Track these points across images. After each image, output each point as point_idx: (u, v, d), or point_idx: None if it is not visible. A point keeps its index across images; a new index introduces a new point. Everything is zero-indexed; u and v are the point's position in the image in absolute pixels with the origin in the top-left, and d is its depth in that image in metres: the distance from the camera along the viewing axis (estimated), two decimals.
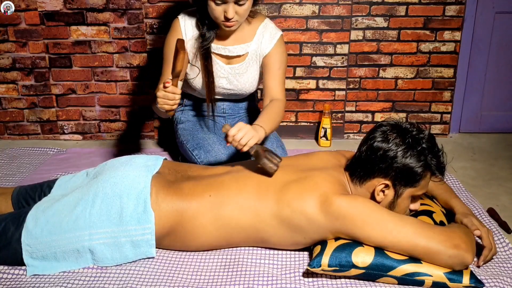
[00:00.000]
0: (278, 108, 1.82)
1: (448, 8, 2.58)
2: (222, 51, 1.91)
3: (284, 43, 1.95)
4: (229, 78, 1.97)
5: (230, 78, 1.97)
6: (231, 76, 1.96)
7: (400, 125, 1.44)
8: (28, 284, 1.39)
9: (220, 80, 1.97)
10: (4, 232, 1.43)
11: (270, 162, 1.49)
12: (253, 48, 1.93)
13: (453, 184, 2.08)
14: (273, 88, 1.89)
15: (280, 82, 1.91)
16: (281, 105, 1.85)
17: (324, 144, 2.69)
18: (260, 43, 1.92)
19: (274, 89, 1.89)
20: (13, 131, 2.75)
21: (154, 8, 2.54)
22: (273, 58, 1.91)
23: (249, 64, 1.96)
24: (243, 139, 1.51)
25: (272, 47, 1.90)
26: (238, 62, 1.96)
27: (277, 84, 1.89)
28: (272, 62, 1.90)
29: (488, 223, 1.72)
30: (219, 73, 1.96)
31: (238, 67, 1.95)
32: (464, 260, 1.31)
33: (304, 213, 1.40)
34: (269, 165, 1.49)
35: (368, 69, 2.68)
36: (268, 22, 1.95)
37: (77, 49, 2.60)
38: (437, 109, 2.77)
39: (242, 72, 1.96)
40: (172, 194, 1.47)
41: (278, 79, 1.90)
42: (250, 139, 1.52)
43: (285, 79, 1.97)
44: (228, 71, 1.95)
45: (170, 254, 1.53)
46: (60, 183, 1.62)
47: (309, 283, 1.40)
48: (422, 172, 1.39)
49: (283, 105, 1.87)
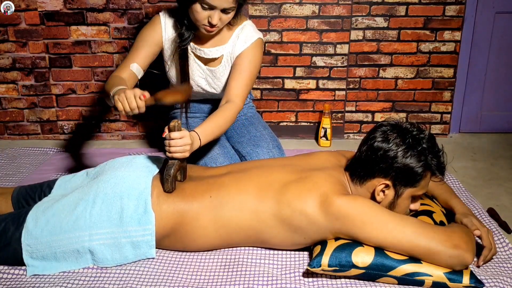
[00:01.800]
0: (229, 116, 1.73)
1: (448, 8, 2.58)
2: (199, 53, 1.89)
3: (260, 48, 1.86)
4: (207, 80, 1.95)
5: (209, 79, 1.94)
6: (209, 78, 1.94)
7: (400, 125, 1.43)
8: (28, 284, 1.39)
9: (199, 80, 1.94)
10: (4, 232, 1.43)
11: (172, 183, 1.46)
12: (227, 50, 1.89)
13: (453, 184, 2.08)
14: (232, 89, 1.79)
15: (242, 85, 1.79)
16: (235, 112, 1.75)
17: (324, 144, 2.69)
18: (234, 45, 1.87)
19: (233, 91, 1.78)
20: (13, 131, 2.75)
21: (154, 8, 2.54)
22: (241, 59, 1.83)
23: (225, 67, 1.92)
24: (174, 148, 1.45)
25: (244, 48, 1.84)
26: (215, 65, 1.92)
27: (237, 86, 1.79)
28: (239, 63, 1.82)
29: (488, 223, 1.72)
30: (198, 72, 1.93)
31: (216, 70, 1.92)
32: (464, 260, 1.31)
33: (304, 213, 1.40)
34: (169, 185, 1.46)
35: (368, 69, 2.68)
36: (247, 24, 1.89)
37: (77, 49, 2.60)
38: (437, 109, 2.77)
39: (219, 76, 1.93)
40: (174, 195, 1.47)
41: (240, 81, 1.79)
42: (179, 154, 1.46)
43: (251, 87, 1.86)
44: (207, 72, 1.92)
45: (170, 255, 1.53)
46: (60, 183, 1.62)
47: (309, 283, 1.40)
48: (422, 172, 1.39)
49: (237, 111, 1.76)
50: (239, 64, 1.83)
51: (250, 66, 1.83)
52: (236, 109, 1.76)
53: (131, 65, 1.79)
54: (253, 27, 1.90)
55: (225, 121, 1.71)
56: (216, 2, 1.66)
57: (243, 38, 1.85)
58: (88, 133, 2.76)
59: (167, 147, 1.46)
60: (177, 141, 1.45)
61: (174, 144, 1.45)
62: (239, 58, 1.85)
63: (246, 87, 1.82)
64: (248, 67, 1.82)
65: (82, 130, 2.76)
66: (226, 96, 1.80)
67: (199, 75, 1.93)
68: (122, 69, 1.80)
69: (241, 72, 1.81)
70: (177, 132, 1.45)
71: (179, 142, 1.45)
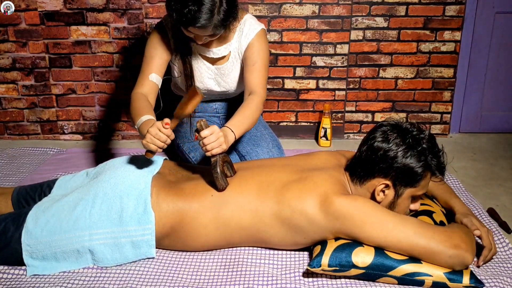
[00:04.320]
0: (254, 106, 1.76)
1: (448, 8, 2.58)
2: (208, 54, 1.89)
3: (265, 37, 1.90)
4: (216, 79, 1.95)
5: (218, 79, 1.95)
6: (218, 77, 1.94)
7: (400, 125, 1.43)
8: (28, 284, 1.39)
9: (208, 81, 1.95)
10: (4, 232, 1.43)
11: (223, 179, 1.47)
12: (234, 46, 1.90)
13: (453, 184, 2.08)
14: (251, 81, 1.83)
15: (259, 74, 1.83)
16: (258, 101, 1.78)
17: (324, 144, 2.69)
18: (240, 40, 1.88)
19: (252, 82, 1.82)
20: (13, 131, 2.75)
21: (154, 8, 2.54)
22: (250, 52, 1.85)
23: (233, 63, 1.93)
24: (210, 145, 1.46)
25: (249, 41, 1.86)
26: (223, 63, 1.93)
27: (254, 77, 1.83)
28: (249, 56, 1.85)
29: (488, 223, 1.72)
30: (207, 74, 1.93)
31: (223, 68, 1.93)
32: (464, 260, 1.31)
33: (304, 213, 1.40)
34: (220, 182, 1.47)
35: (368, 69, 2.68)
36: (248, 18, 1.90)
37: (77, 49, 2.60)
38: (437, 109, 2.77)
39: (227, 73, 1.94)
40: (173, 195, 1.47)
41: (256, 71, 1.83)
42: (217, 148, 1.47)
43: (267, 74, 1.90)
44: (215, 71, 1.93)
45: (170, 254, 1.53)
46: (60, 183, 1.62)
47: (309, 283, 1.40)
48: (423, 172, 1.39)
49: (261, 100, 1.80)
50: (249, 57, 1.85)
51: (260, 56, 1.86)
52: (259, 98, 1.80)
53: (150, 76, 1.78)
54: (254, 20, 1.91)
55: (252, 111, 1.74)
56: (195, 32, 1.66)
57: (247, 31, 1.87)
58: (88, 133, 2.76)
59: (203, 147, 1.47)
60: (209, 137, 1.46)
61: (208, 142, 1.46)
62: (247, 51, 1.87)
63: (263, 76, 1.86)
64: (258, 57, 1.85)
65: (82, 130, 2.76)
66: (247, 90, 1.83)
67: (208, 76, 1.93)
68: (141, 83, 1.80)
69: (254, 64, 1.84)
70: (206, 130, 1.47)
71: (212, 138, 1.46)
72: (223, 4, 1.62)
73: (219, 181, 1.47)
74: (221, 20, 1.63)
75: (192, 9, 1.57)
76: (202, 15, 1.58)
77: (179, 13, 1.59)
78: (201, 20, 1.59)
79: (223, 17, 1.63)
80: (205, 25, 1.61)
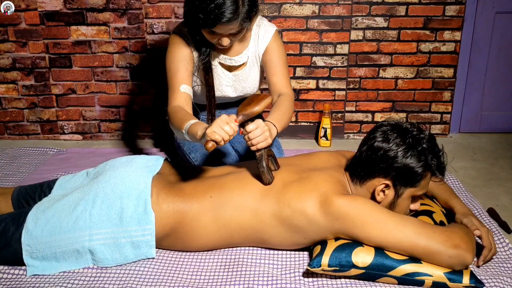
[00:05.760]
0: (288, 103, 1.78)
1: (448, 8, 2.58)
2: (228, 62, 1.87)
3: (280, 38, 1.92)
4: (234, 86, 1.93)
5: (235, 85, 1.93)
6: (236, 83, 1.92)
7: (400, 125, 1.43)
8: (28, 284, 1.39)
9: (225, 88, 1.93)
10: (4, 232, 1.43)
11: (269, 173, 1.48)
12: (251, 50, 1.90)
13: (453, 184, 2.08)
14: (277, 83, 1.85)
15: (283, 76, 1.86)
16: (290, 100, 1.81)
17: (324, 144, 2.69)
18: (257, 44, 1.88)
19: (279, 84, 1.85)
20: (13, 131, 2.75)
21: (154, 8, 2.54)
22: (270, 54, 1.86)
23: (250, 67, 1.92)
24: (255, 140, 1.47)
25: (267, 43, 1.86)
26: (240, 69, 1.92)
27: (281, 79, 1.85)
28: (271, 59, 1.86)
29: (488, 223, 1.72)
30: (224, 81, 1.91)
31: (241, 74, 1.91)
32: (464, 260, 1.31)
33: (304, 213, 1.40)
34: (267, 176, 1.47)
35: (368, 69, 2.68)
36: (261, 20, 1.90)
37: (77, 49, 2.60)
38: (437, 109, 2.77)
39: (245, 78, 1.93)
40: (173, 195, 1.47)
41: (280, 73, 1.86)
42: (262, 142, 1.48)
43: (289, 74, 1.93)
44: (233, 78, 1.91)
45: (170, 255, 1.53)
46: (60, 183, 1.62)
47: (309, 283, 1.40)
48: (423, 172, 1.39)
49: (292, 99, 1.83)
50: (270, 60, 1.86)
51: (280, 57, 1.87)
52: (290, 97, 1.82)
53: (181, 87, 1.74)
54: (266, 21, 1.91)
55: (287, 109, 1.75)
56: (222, 30, 1.63)
57: (263, 34, 1.87)
58: (88, 133, 2.76)
59: (249, 142, 1.47)
60: (254, 132, 1.46)
61: (253, 136, 1.46)
62: (266, 54, 1.87)
63: (287, 76, 1.88)
64: (279, 59, 1.86)
65: (82, 130, 2.76)
66: (275, 92, 1.85)
67: (226, 83, 1.91)
68: (174, 96, 1.74)
69: (276, 66, 1.86)
70: (251, 124, 1.47)
71: (257, 132, 1.46)
72: None
73: (265, 175, 1.47)
74: (247, 11, 1.61)
75: (219, 3, 1.54)
76: (229, 8, 1.55)
77: (204, 11, 1.56)
78: (227, 14, 1.56)
79: (248, 8, 1.61)
80: (232, 19, 1.58)
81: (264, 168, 1.47)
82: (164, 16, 2.55)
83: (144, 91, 2.68)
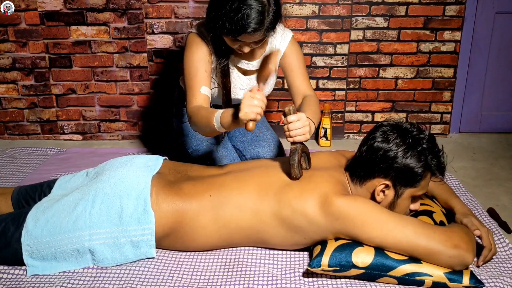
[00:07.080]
0: (315, 103, 1.79)
1: (448, 8, 2.58)
2: (246, 66, 1.86)
3: (296, 42, 1.92)
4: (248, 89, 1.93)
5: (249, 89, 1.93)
6: (250, 87, 1.92)
7: (400, 125, 1.43)
8: (28, 284, 1.39)
9: (239, 92, 1.92)
10: (4, 232, 1.43)
11: (299, 168, 1.47)
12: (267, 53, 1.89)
13: (453, 184, 2.08)
14: (300, 86, 1.86)
15: (305, 78, 1.87)
16: (316, 100, 1.82)
17: (324, 144, 2.69)
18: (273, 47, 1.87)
19: (302, 87, 1.85)
20: (13, 131, 2.75)
21: (154, 8, 2.54)
22: (290, 58, 1.87)
23: None
24: (294, 132, 1.46)
25: (285, 49, 1.87)
26: (255, 73, 1.91)
27: (303, 81, 1.86)
28: (290, 62, 1.87)
29: (488, 223, 1.72)
30: (238, 85, 1.90)
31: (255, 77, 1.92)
32: (465, 260, 1.31)
33: (304, 213, 1.40)
34: (296, 170, 1.46)
35: (368, 69, 2.68)
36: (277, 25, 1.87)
37: (77, 49, 2.60)
38: (437, 109, 2.77)
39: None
40: (173, 195, 1.47)
41: (301, 76, 1.87)
42: (300, 136, 1.46)
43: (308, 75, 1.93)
44: (247, 82, 1.91)
45: (170, 254, 1.53)
46: (60, 183, 1.62)
47: (309, 283, 1.40)
48: (423, 173, 1.39)
49: (317, 99, 1.84)
50: (290, 64, 1.87)
51: (299, 60, 1.88)
52: (316, 98, 1.83)
53: (201, 89, 1.72)
54: (282, 26, 1.88)
55: (316, 108, 1.76)
56: (245, 39, 1.62)
57: (279, 38, 1.87)
58: (88, 133, 2.76)
59: (287, 132, 1.47)
60: (295, 123, 1.45)
61: (293, 128, 1.45)
62: (285, 58, 1.88)
63: (307, 78, 1.89)
64: (298, 62, 1.87)
65: (82, 130, 2.76)
66: (298, 95, 1.85)
67: (240, 87, 1.90)
68: (194, 97, 1.71)
69: (297, 69, 1.87)
70: (293, 115, 1.45)
71: (297, 125, 1.45)
72: (271, 5, 1.59)
73: (295, 169, 1.46)
74: (271, 22, 1.60)
75: (245, 14, 1.52)
76: (254, 19, 1.54)
77: (230, 21, 1.54)
78: (252, 25, 1.54)
79: (272, 18, 1.60)
80: (258, 29, 1.57)
81: (295, 162, 1.45)
82: (164, 16, 2.55)
83: (144, 91, 2.68)
